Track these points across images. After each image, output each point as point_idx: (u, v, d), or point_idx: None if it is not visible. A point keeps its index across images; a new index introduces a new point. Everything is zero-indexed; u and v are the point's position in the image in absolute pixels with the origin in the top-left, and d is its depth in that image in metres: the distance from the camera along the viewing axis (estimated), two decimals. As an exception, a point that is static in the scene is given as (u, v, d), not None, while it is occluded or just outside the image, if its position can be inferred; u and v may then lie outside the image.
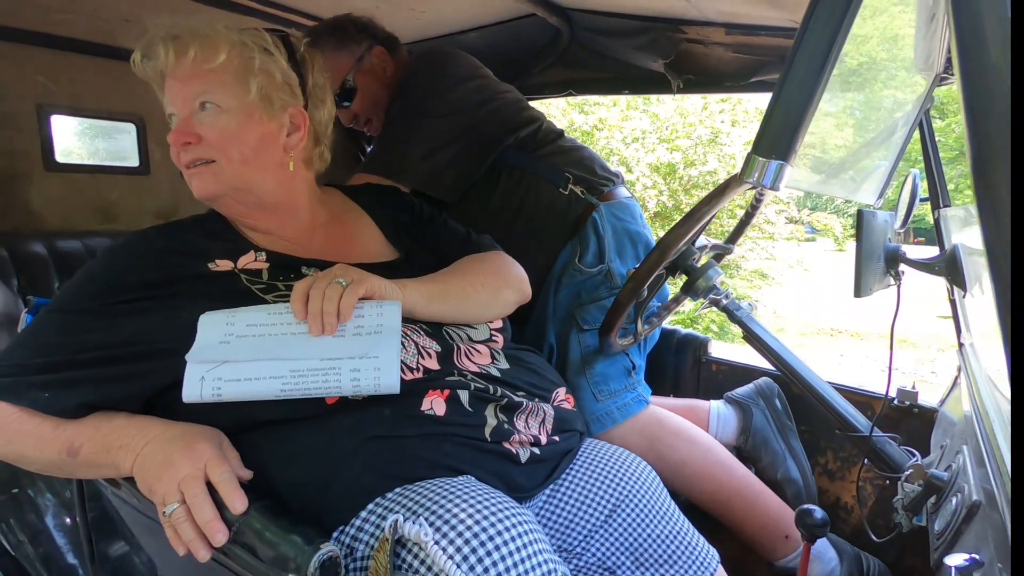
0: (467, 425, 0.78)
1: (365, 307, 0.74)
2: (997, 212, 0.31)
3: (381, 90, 1.42)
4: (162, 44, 0.83)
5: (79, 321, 0.76)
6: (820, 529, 0.81)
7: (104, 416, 0.74)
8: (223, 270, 0.83)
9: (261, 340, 0.70)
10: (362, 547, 0.69)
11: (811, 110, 0.39)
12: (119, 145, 2.15)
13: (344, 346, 0.70)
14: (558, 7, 1.61)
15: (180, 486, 0.65)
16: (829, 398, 1.02)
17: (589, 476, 0.90)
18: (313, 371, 0.69)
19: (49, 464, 0.75)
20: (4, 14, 1.69)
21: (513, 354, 0.94)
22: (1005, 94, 0.31)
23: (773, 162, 0.41)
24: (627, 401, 1.25)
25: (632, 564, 0.85)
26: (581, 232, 1.32)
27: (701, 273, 1.09)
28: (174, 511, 0.64)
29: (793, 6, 1.17)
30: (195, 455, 0.67)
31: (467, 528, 0.62)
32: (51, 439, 0.72)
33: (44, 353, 0.75)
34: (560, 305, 1.34)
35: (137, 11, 1.72)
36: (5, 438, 0.74)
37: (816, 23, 0.39)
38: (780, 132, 0.41)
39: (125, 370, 0.75)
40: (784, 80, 0.41)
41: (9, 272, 1.69)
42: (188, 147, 0.83)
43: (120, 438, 0.71)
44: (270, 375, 0.69)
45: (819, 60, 0.39)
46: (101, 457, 0.71)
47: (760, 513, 1.17)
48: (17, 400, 0.73)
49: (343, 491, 0.72)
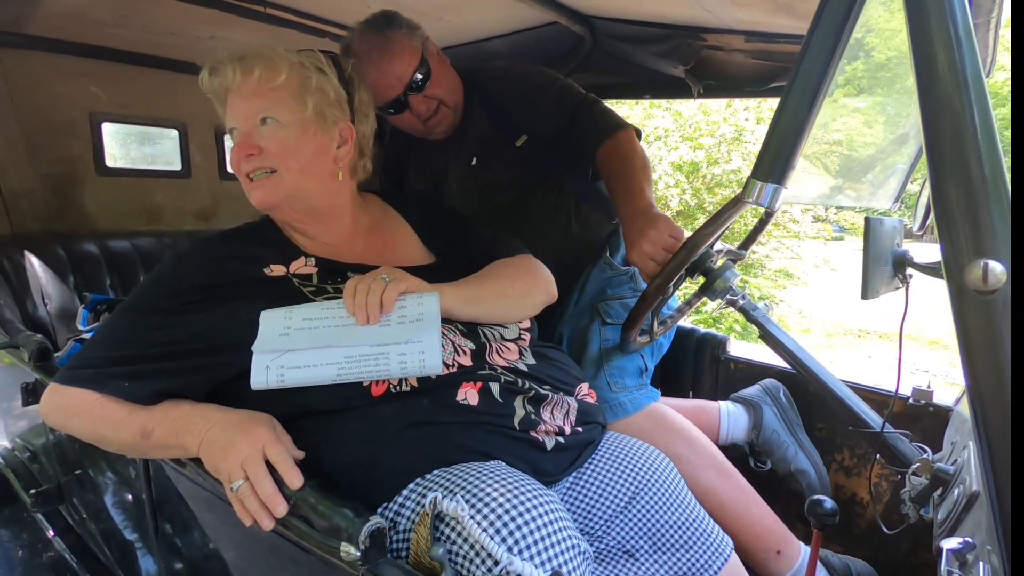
0: (498, 414, 0.85)
1: (407, 299, 0.81)
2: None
3: (456, 80, 1.42)
4: (230, 64, 0.90)
5: (150, 319, 0.85)
6: (830, 518, 0.86)
7: (172, 403, 0.83)
8: (277, 275, 0.91)
9: (316, 331, 0.78)
10: (404, 521, 0.76)
11: (804, 137, 0.44)
12: (162, 150, 2.27)
13: (391, 333, 0.78)
14: (581, 15, 1.65)
15: (243, 465, 0.72)
16: (842, 395, 1.06)
17: (610, 465, 0.96)
18: (364, 356, 0.77)
19: (125, 445, 0.84)
20: (61, 29, 1.81)
21: (539, 351, 1.00)
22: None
23: (770, 185, 0.46)
24: (637, 396, 1.30)
25: (650, 548, 0.91)
26: (614, 232, 1.40)
27: (719, 274, 1.13)
28: (240, 487, 0.72)
29: (807, 14, 1.20)
30: (254, 437, 0.74)
31: (499, 506, 0.68)
32: (127, 423, 0.81)
33: (120, 347, 0.84)
34: (585, 297, 1.41)
35: (182, 24, 1.82)
36: (89, 421, 0.83)
37: (809, 58, 0.43)
38: (776, 158, 0.46)
39: (192, 364, 0.83)
40: (780, 110, 0.46)
41: (66, 270, 1.81)
42: (251, 158, 0.91)
43: (186, 424, 0.79)
44: (326, 362, 0.76)
45: (812, 91, 0.44)
46: (170, 439, 0.80)
47: (754, 523, 1.16)
48: (102, 388, 0.82)
49: (387, 471, 0.79)
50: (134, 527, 1.24)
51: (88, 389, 0.82)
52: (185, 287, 0.86)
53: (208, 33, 1.89)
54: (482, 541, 0.65)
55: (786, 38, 1.33)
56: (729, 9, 1.30)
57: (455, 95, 1.41)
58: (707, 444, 1.24)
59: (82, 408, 0.83)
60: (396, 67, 1.29)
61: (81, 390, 0.83)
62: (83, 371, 0.84)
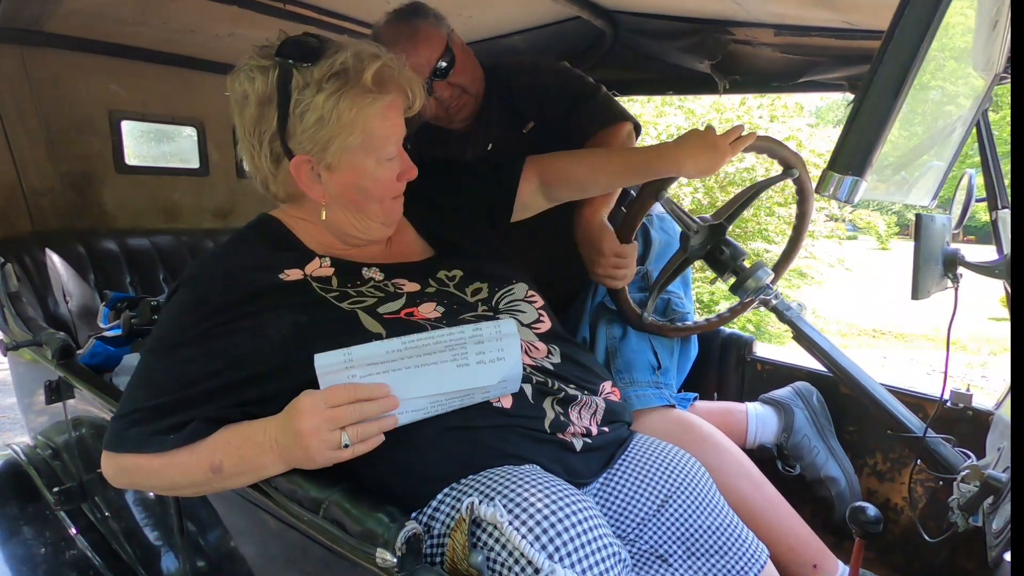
0: (529, 417, 0.83)
1: (484, 329, 0.75)
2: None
3: (479, 70, 1.44)
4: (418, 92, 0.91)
5: (180, 353, 0.80)
6: (874, 526, 0.83)
7: (227, 432, 0.78)
8: (294, 279, 0.87)
9: (387, 375, 0.72)
10: (438, 526, 0.74)
11: (888, 128, 0.42)
12: (179, 148, 2.28)
13: (472, 376, 0.74)
14: (603, 9, 1.63)
15: (324, 431, 0.70)
16: (882, 399, 1.03)
17: (641, 468, 0.93)
18: (450, 397, 0.75)
19: (198, 484, 0.80)
20: (82, 27, 1.81)
21: (563, 347, 0.98)
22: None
23: (848, 178, 0.44)
24: (647, 393, 1.28)
25: (684, 553, 0.88)
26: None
27: (751, 273, 1.11)
28: (347, 440, 0.70)
29: (847, 7, 1.17)
30: (310, 408, 0.71)
31: (538, 511, 0.66)
32: (192, 463, 0.76)
33: (158, 393, 0.79)
34: (599, 294, 1.40)
35: (201, 22, 1.82)
36: (155, 475, 0.79)
37: (896, 44, 0.40)
38: (856, 149, 0.43)
39: (233, 399, 0.79)
40: (862, 99, 0.44)
41: (86, 268, 1.81)
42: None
43: (250, 447, 0.76)
44: (413, 410, 0.73)
45: (897, 80, 0.41)
46: (243, 466, 0.76)
47: (788, 534, 1.12)
48: (146, 449, 0.78)
49: (422, 477, 0.77)
50: (156, 526, 1.24)
51: (137, 453, 0.79)
52: (206, 311, 0.82)
53: (227, 31, 1.89)
54: (522, 548, 0.63)
55: (819, 31, 1.30)
56: (761, 3, 1.27)
57: (477, 84, 1.43)
58: (737, 453, 1.22)
59: (143, 467, 0.79)
60: (422, 54, 1.31)
61: (132, 455, 0.79)
62: (128, 434, 0.79)
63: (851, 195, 0.45)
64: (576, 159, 1.19)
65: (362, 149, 0.86)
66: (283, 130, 0.84)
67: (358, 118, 0.84)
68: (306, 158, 0.86)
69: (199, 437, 0.77)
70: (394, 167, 0.91)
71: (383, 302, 0.87)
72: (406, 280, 0.93)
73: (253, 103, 0.85)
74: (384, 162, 0.89)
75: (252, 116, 0.86)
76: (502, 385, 0.77)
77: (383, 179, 0.90)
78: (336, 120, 0.83)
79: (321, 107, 0.82)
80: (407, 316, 0.86)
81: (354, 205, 0.91)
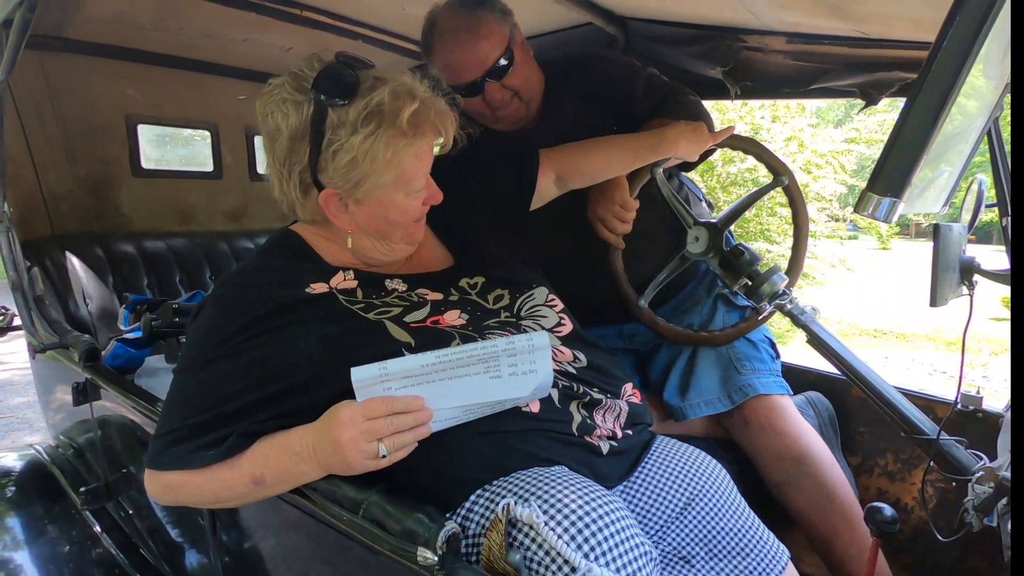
0: (556, 420, 0.85)
1: (516, 343, 0.76)
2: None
3: (537, 73, 1.34)
4: (450, 129, 0.91)
5: (212, 370, 0.81)
6: (890, 526, 0.85)
7: (264, 443, 0.80)
8: (320, 292, 0.88)
9: (422, 387, 0.74)
10: (472, 526, 0.76)
11: (927, 151, 0.44)
12: (193, 152, 2.30)
13: (504, 387, 0.76)
14: (615, 16, 1.65)
15: (367, 437, 0.72)
16: (895, 401, 1.05)
17: (663, 471, 0.95)
18: (482, 407, 0.77)
19: (241, 496, 0.82)
20: (100, 33, 1.83)
21: (586, 352, 1.00)
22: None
23: (887, 199, 0.46)
24: (769, 381, 1.28)
25: (706, 555, 0.91)
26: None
27: (766, 278, 1.13)
28: (384, 450, 0.72)
29: (858, 17, 1.19)
30: (348, 420, 0.73)
31: (572, 512, 0.69)
32: (234, 477, 0.79)
33: (196, 411, 0.80)
34: (717, 285, 1.40)
35: (216, 27, 1.84)
36: (197, 491, 0.81)
37: (936, 71, 0.42)
38: (895, 171, 0.45)
39: (269, 414, 0.81)
40: (903, 121, 0.46)
41: (105, 271, 1.84)
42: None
43: (289, 458, 0.78)
44: (446, 418, 0.76)
45: (936, 107, 0.43)
46: (284, 476, 0.79)
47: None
48: (188, 466, 0.80)
49: (455, 479, 0.80)
50: (180, 524, 1.26)
51: (180, 470, 0.81)
52: (236, 327, 0.83)
53: (242, 36, 1.91)
54: (558, 547, 0.66)
55: (831, 40, 1.32)
56: (774, 11, 1.29)
57: (531, 89, 1.32)
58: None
59: (186, 484, 0.82)
60: (481, 49, 1.20)
61: (175, 472, 0.81)
62: (169, 452, 0.81)
63: (889, 215, 0.47)
64: (588, 150, 1.22)
65: (392, 186, 0.87)
66: (314, 164, 0.85)
67: (392, 160, 0.84)
68: (335, 192, 0.86)
69: (238, 451, 0.79)
70: (421, 196, 0.92)
71: (408, 311, 0.89)
72: (429, 290, 0.95)
73: (285, 136, 0.85)
74: (412, 194, 0.90)
75: (284, 149, 0.86)
76: (533, 395, 0.79)
77: (410, 209, 0.91)
78: (370, 162, 0.83)
79: (356, 149, 0.82)
80: (433, 324, 0.88)
81: (380, 233, 0.93)
